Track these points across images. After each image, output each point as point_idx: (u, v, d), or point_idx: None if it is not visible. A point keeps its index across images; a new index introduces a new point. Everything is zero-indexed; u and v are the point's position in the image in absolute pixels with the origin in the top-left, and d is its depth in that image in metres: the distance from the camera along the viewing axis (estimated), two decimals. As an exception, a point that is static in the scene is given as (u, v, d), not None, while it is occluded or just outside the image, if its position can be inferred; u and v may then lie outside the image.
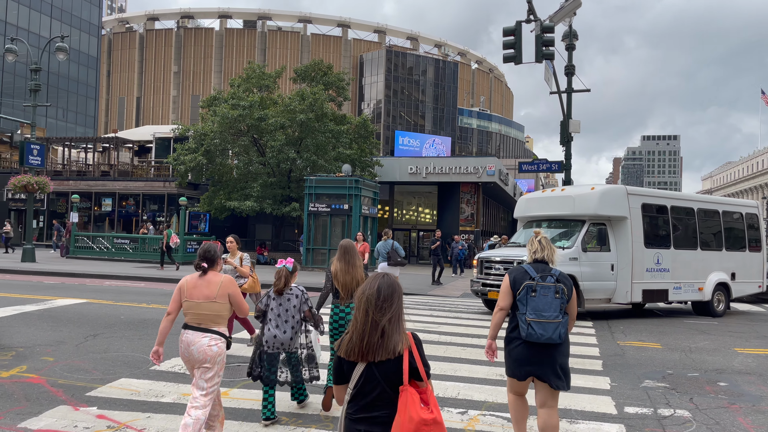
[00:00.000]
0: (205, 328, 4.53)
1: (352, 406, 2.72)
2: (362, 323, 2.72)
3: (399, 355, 2.69)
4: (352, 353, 2.72)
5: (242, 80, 29.41)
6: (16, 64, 46.44)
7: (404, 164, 32.97)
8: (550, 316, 4.39)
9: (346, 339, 2.76)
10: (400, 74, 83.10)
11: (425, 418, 2.61)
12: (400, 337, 2.72)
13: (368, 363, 2.69)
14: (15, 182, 22.05)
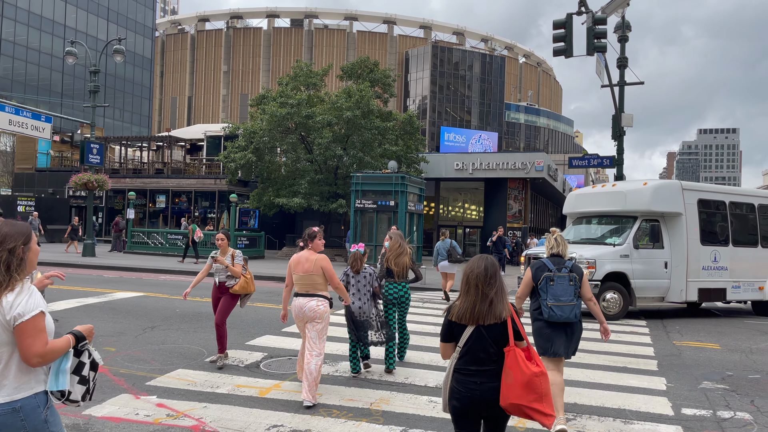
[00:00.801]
0: (311, 293, 6.07)
1: (463, 363, 3.40)
2: (473, 295, 3.42)
3: (504, 320, 3.37)
4: (464, 318, 3.41)
5: (290, 78, 29.81)
6: (75, 66, 48.33)
7: (450, 160, 32.80)
8: (567, 300, 5.45)
9: (456, 306, 3.48)
10: (446, 70, 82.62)
11: (534, 371, 3.31)
12: (504, 306, 3.40)
13: (477, 326, 3.38)
14: (76, 180, 22.99)
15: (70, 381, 2.63)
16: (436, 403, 5.92)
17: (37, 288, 2.60)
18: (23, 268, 2.57)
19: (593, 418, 5.63)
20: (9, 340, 2.48)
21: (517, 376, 3.28)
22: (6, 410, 2.44)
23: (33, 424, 2.50)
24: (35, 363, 2.49)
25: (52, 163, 43.26)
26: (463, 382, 3.37)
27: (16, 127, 21.93)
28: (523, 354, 3.37)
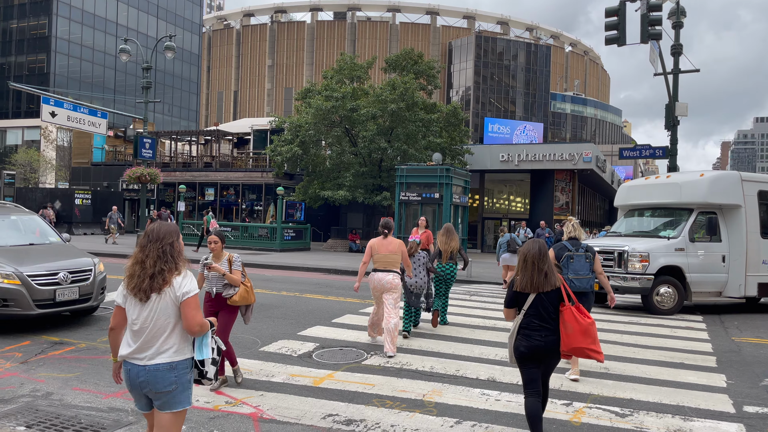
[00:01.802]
0: (389, 270, 7.72)
1: (528, 321, 4.54)
2: (530, 270, 4.55)
3: (558, 287, 4.56)
4: (526, 288, 4.55)
5: (335, 72, 29.97)
6: (126, 62, 49.75)
7: (495, 152, 32.43)
8: (584, 274, 7.06)
9: (518, 280, 4.61)
10: (489, 60, 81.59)
11: (589, 321, 4.53)
12: (556, 277, 4.59)
13: (538, 293, 4.53)
14: (130, 173, 23.73)
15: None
16: (489, 396, 5.92)
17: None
18: (183, 256, 3.35)
19: (651, 414, 5.53)
20: (176, 312, 3.25)
21: (575, 327, 4.49)
22: (166, 367, 3.21)
23: (182, 380, 3.27)
24: (196, 331, 3.26)
25: (106, 157, 44.83)
26: (529, 336, 4.54)
27: (74, 123, 22.78)
28: (575, 310, 4.55)
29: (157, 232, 3.35)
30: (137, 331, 3.25)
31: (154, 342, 3.22)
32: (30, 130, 52.54)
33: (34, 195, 34.01)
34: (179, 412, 3.30)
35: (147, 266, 3.25)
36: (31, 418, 5.02)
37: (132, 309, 3.27)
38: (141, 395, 3.30)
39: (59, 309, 8.29)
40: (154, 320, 3.22)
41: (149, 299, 3.23)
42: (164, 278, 3.23)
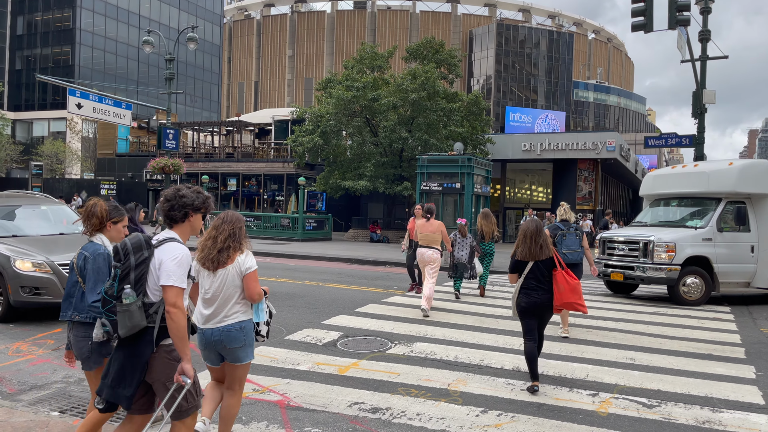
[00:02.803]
0: (430, 246, 9.73)
1: (527, 284, 5.85)
2: (529, 242, 5.86)
3: (551, 256, 5.86)
4: (526, 257, 5.88)
5: (355, 61, 29.90)
6: (149, 54, 50.14)
7: (517, 141, 32.15)
8: (575, 248, 8.88)
9: (519, 251, 5.93)
10: (511, 48, 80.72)
11: (575, 281, 5.84)
12: (549, 248, 5.90)
13: (535, 261, 5.84)
14: (154, 164, 24.01)
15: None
16: (514, 386, 5.91)
17: None
18: (246, 238, 4.07)
19: (679, 406, 5.48)
20: (240, 284, 3.92)
21: (565, 286, 5.79)
22: (237, 327, 3.90)
23: (249, 338, 3.97)
24: (255, 299, 3.96)
25: (130, 148, 45.39)
26: (528, 294, 5.84)
27: (100, 114, 23.10)
28: (565, 273, 5.84)
29: (230, 217, 4.08)
30: (209, 299, 3.92)
31: (224, 308, 3.90)
32: (56, 121, 53.40)
33: (60, 185, 34.62)
34: (246, 364, 4.03)
35: (218, 242, 3.92)
36: (64, 404, 5.15)
37: (204, 281, 3.94)
38: (214, 352, 3.99)
39: (89, 297, 8.44)
40: (223, 290, 3.89)
41: (217, 273, 3.89)
42: (229, 254, 3.91)
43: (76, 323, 3.73)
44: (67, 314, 3.73)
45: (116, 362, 3.26)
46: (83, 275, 3.71)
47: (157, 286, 3.22)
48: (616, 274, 12.25)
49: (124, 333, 3.16)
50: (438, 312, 9.71)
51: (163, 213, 3.47)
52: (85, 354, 3.67)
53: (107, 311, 3.23)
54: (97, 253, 3.74)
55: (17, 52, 58.20)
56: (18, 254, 8.09)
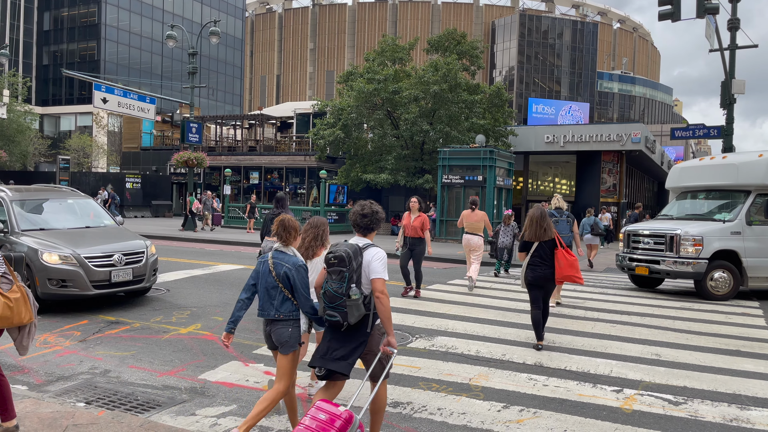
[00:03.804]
0: (474, 233, 11.38)
1: (533, 261, 7.10)
2: (535, 226, 7.11)
3: (553, 238, 7.08)
4: (532, 238, 7.14)
5: (376, 54, 29.80)
6: (172, 48, 50.61)
7: (540, 133, 31.79)
8: (566, 233, 10.78)
9: (526, 233, 7.21)
10: (534, 39, 79.80)
11: (574, 257, 7.12)
12: (552, 231, 7.11)
13: (540, 242, 7.09)
14: (177, 158, 24.29)
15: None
16: (536, 381, 5.86)
17: None
18: (327, 239, 5.17)
19: (706, 403, 5.37)
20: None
21: (565, 262, 7.06)
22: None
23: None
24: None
25: (154, 142, 45.94)
26: (534, 270, 7.11)
27: (124, 109, 23.40)
28: (565, 252, 7.12)
29: (316, 222, 5.20)
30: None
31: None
32: (83, 116, 54.24)
33: (87, 179, 35.18)
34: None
35: (305, 242, 5.05)
36: (91, 395, 5.23)
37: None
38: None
39: (114, 290, 8.58)
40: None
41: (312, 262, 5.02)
42: (314, 251, 5.08)
43: (277, 320, 4.28)
44: (271, 314, 4.28)
45: (340, 341, 4.09)
46: (285, 284, 4.24)
47: (368, 282, 4.05)
48: (641, 268, 12.07)
49: (354, 320, 3.97)
50: (460, 306, 9.66)
51: (360, 224, 4.27)
52: (284, 340, 4.26)
53: (335, 306, 3.99)
54: (297, 266, 4.27)
55: (44, 48, 59.19)
56: (45, 247, 8.24)
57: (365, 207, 4.29)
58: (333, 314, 4.02)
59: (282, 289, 4.23)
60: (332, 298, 4.01)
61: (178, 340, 7.13)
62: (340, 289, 3.97)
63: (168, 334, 7.35)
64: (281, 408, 4.85)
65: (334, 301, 4.00)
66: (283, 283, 4.22)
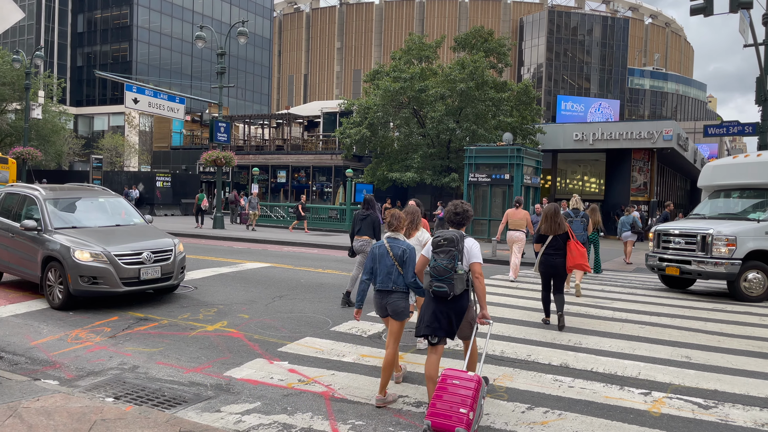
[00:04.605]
0: (517, 229, 12.61)
1: (547, 251, 8.24)
2: (550, 221, 8.25)
3: (565, 231, 8.23)
4: (547, 231, 8.28)
5: (403, 52, 29.77)
6: (201, 49, 51.27)
7: (569, 130, 31.40)
8: (579, 232, 11.85)
9: (542, 227, 8.35)
10: (563, 35, 78.79)
11: (582, 249, 8.27)
12: (564, 225, 8.23)
13: (554, 235, 8.23)
14: (206, 157, 24.61)
15: None
16: (561, 382, 5.78)
17: None
18: (420, 224, 6.77)
19: (737, 407, 5.24)
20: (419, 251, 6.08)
21: (576, 252, 8.13)
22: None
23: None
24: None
25: (184, 141, 46.65)
26: (547, 258, 8.22)
27: (155, 109, 23.80)
28: (576, 243, 8.21)
29: (411, 209, 6.78)
30: None
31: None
32: (115, 116, 55.39)
33: (119, 178, 35.91)
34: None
35: (403, 225, 5.69)
36: (119, 390, 5.33)
37: None
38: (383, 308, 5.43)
39: (143, 287, 8.74)
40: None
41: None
42: (410, 233, 6.62)
43: (395, 291, 5.31)
44: (389, 286, 5.31)
45: (442, 312, 4.92)
46: (400, 261, 5.30)
47: (467, 264, 4.92)
48: (672, 268, 11.81)
49: (458, 291, 4.82)
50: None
51: (453, 220, 5.20)
52: (400, 310, 5.28)
53: (443, 279, 4.82)
54: (410, 248, 5.39)
55: (78, 50, 60.57)
56: (77, 245, 8.43)
57: (458, 206, 5.21)
58: (441, 285, 4.84)
59: (397, 266, 5.30)
60: (441, 272, 4.83)
61: (205, 337, 7.22)
62: (449, 265, 4.81)
63: (195, 331, 7.46)
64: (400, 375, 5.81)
65: (443, 275, 4.82)
66: (399, 261, 5.29)
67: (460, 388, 4.40)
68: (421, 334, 5.03)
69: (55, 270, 8.47)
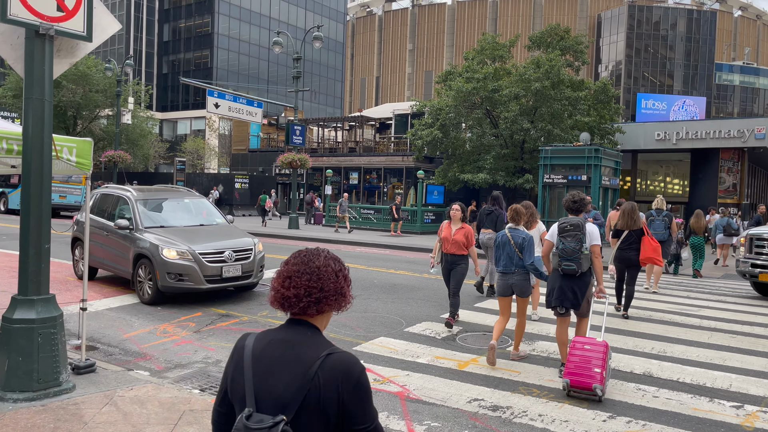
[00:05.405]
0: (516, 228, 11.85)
1: (622, 245, 8.87)
2: (626, 218, 8.87)
3: (641, 227, 8.85)
4: (624, 227, 8.89)
5: (476, 53, 29.46)
6: (278, 54, 52.72)
7: (650, 130, 30.08)
8: (660, 231, 11.55)
9: (619, 223, 9.00)
10: (643, 31, 75.57)
11: (655, 244, 8.84)
12: (640, 222, 8.88)
13: (630, 230, 8.83)
14: (282, 159, 25.29)
15: None
16: (645, 392, 5.56)
17: None
18: (537, 217, 8.50)
19: (843, 427, 4.86)
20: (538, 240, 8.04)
21: (649, 247, 8.68)
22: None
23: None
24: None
25: (261, 144, 48.15)
26: (622, 252, 8.82)
27: (235, 113, 24.71)
28: (651, 239, 8.77)
29: (528, 204, 8.14)
30: None
31: None
32: (197, 120, 57.94)
33: (200, 179, 37.50)
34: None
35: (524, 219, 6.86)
36: (204, 383, 5.58)
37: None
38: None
39: (225, 284, 9.10)
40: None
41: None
42: (531, 225, 7.79)
43: (516, 273, 6.40)
44: (512, 269, 6.42)
45: (568, 286, 5.87)
46: (520, 247, 6.37)
47: (588, 245, 5.85)
48: (765, 274, 11.11)
49: (584, 269, 5.81)
50: (561, 310, 9.35)
51: (572, 207, 6.12)
52: (524, 289, 6.42)
53: (572, 259, 5.79)
54: (529, 237, 6.43)
55: (163, 57, 63.78)
56: (165, 243, 8.88)
57: (575, 195, 6.18)
58: (569, 264, 5.82)
59: (517, 252, 6.38)
60: (570, 252, 5.80)
61: (283, 334, 7.42)
62: (576, 246, 5.78)
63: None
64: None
65: (572, 255, 5.79)
66: (519, 248, 6.37)
67: (591, 351, 5.23)
68: (552, 306, 6.05)
69: (145, 267, 8.96)
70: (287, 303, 1.84)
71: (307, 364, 1.75)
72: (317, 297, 1.83)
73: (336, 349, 1.80)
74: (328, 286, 1.85)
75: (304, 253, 1.91)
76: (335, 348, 1.81)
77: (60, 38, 4.94)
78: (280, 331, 1.87)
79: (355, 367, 1.77)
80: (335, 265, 1.90)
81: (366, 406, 1.77)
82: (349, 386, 1.73)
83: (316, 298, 1.83)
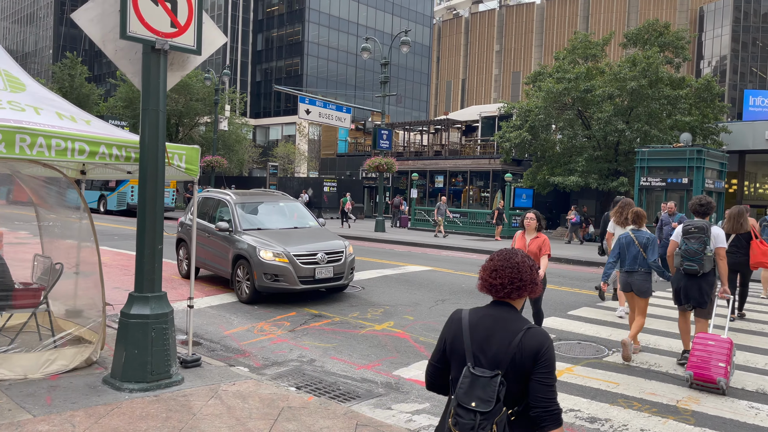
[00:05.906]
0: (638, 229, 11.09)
1: (730, 249, 8.12)
2: (733, 222, 8.38)
3: (748, 230, 8.54)
4: (731, 231, 8.40)
5: (567, 52, 28.59)
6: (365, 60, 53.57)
7: (759, 129, 27.95)
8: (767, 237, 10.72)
9: (726, 225, 8.39)
10: (751, 23, 70.48)
11: (765, 247, 8.64)
12: (748, 225, 8.44)
13: (737, 234, 8.61)
14: (369, 163, 25.67)
15: None
16: (759, 410, 5.19)
17: None
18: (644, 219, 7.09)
19: None
20: None
21: (758, 251, 8.52)
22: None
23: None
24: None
25: (348, 148, 49.09)
26: (730, 257, 7.69)
27: (324, 119, 25.39)
28: (760, 243, 8.55)
29: (626, 201, 8.83)
30: None
31: None
32: (287, 126, 59.91)
33: (291, 183, 38.73)
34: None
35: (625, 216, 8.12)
36: (300, 381, 5.77)
37: None
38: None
39: (317, 285, 9.36)
40: None
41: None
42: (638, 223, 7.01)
43: (638, 272, 6.67)
44: (635, 268, 6.69)
45: (694, 286, 6.21)
46: (644, 247, 6.65)
47: (713, 247, 6.14)
48: None
49: (706, 270, 6.11)
50: (662, 321, 8.90)
51: (699, 211, 6.40)
52: (645, 288, 6.67)
53: (694, 259, 6.12)
54: (653, 237, 6.74)
55: (257, 66, 66.51)
56: (261, 245, 9.26)
57: (702, 199, 6.45)
58: (692, 264, 6.15)
59: (642, 252, 6.66)
60: (693, 253, 6.14)
61: (373, 336, 7.54)
62: (699, 248, 6.09)
63: (364, 330, 7.82)
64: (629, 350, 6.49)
65: (694, 255, 6.12)
66: (643, 248, 6.67)
67: (716, 347, 5.51)
68: (680, 304, 6.48)
69: (243, 267, 9.38)
70: (494, 289, 2.38)
71: (514, 333, 2.28)
72: (518, 285, 2.35)
73: (533, 325, 2.32)
74: (526, 277, 2.36)
75: (505, 252, 2.44)
76: (532, 323, 2.33)
77: (173, 52, 5.28)
78: (489, 308, 2.40)
79: (547, 340, 2.28)
80: (529, 261, 2.41)
81: (552, 369, 2.25)
82: (542, 352, 2.23)
83: (517, 286, 2.35)
